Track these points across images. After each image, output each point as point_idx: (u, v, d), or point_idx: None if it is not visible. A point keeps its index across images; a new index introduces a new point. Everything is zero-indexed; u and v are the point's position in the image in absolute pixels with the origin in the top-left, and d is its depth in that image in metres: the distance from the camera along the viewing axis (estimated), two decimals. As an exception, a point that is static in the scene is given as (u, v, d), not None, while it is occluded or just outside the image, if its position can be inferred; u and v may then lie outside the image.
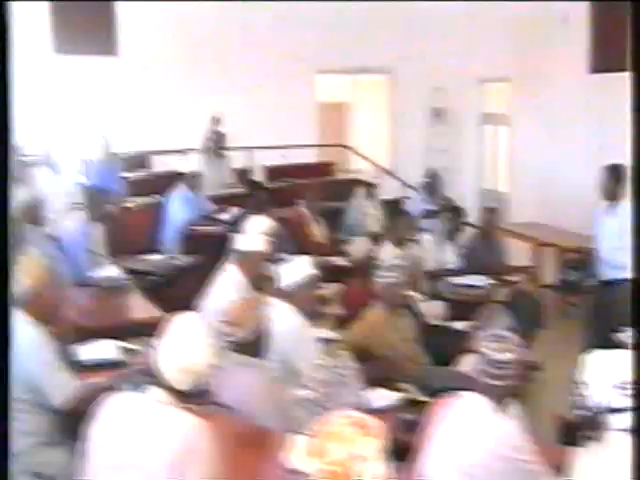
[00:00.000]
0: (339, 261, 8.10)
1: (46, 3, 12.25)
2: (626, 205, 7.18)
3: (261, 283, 5.88)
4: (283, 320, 4.78)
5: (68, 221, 7.64)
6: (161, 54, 12.98)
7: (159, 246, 8.84)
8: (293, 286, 5.13)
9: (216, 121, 11.73)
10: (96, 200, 7.55)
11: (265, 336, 4.36)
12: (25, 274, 4.28)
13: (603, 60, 11.81)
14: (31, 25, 11.91)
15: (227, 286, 5.67)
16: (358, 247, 7.06)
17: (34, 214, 7.04)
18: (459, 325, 6.75)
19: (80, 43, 12.55)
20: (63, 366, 4.28)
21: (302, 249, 7.86)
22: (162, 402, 3.29)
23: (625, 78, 10.90)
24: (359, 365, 5.09)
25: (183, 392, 3.33)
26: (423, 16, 14.66)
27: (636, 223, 1.32)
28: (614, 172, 7.37)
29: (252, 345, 4.28)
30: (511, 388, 3.70)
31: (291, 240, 7.79)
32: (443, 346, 6.17)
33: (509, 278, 8.31)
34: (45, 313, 4.33)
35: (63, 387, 4.18)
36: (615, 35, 11.41)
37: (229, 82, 13.33)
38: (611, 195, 7.35)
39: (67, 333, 4.65)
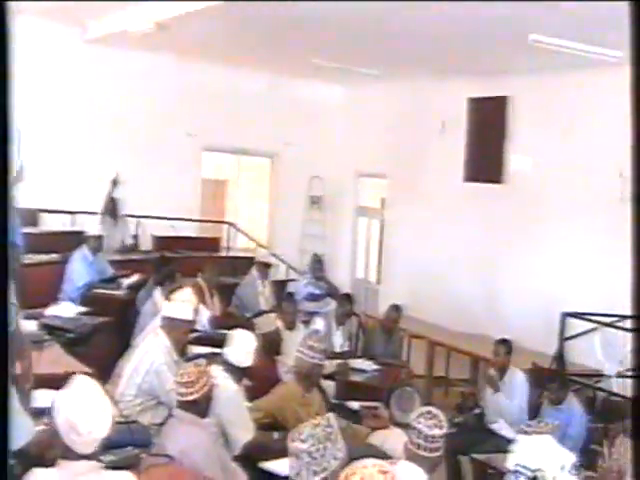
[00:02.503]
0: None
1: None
2: (512, 378, 7.73)
3: (185, 349, 6.28)
4: (224, 387, 5.22)
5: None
6: (58, 115, 13.17)
7: (57, 304, 8.95)
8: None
9: (114, 184, 11.92)
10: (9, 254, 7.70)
11: (210, 399, 4.81)
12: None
13: (476, 170, 12.69)
14: None
15: (155, 349, 5.99)
16: (264, 323, 7.47)
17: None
18: (354, 405, 7.27)
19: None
20: (23, 411, 4.53)
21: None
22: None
23: (496, 189, 11.89)
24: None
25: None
26: (308, 105, 15.51)
27: (636, 232, 1.67)
28: (504, 345, 7.82)
29: (200, 406, 4.71)
30: (439, 460, 4.28)
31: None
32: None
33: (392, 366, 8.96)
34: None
35: (24, 430, 4.42)
36: (489, 148, 12.40)
37: (122, 149, 13.60)
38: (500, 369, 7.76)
39: (27, 380, 4.88)
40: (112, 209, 11.67)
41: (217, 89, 14.54)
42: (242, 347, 5.80)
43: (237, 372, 5.70)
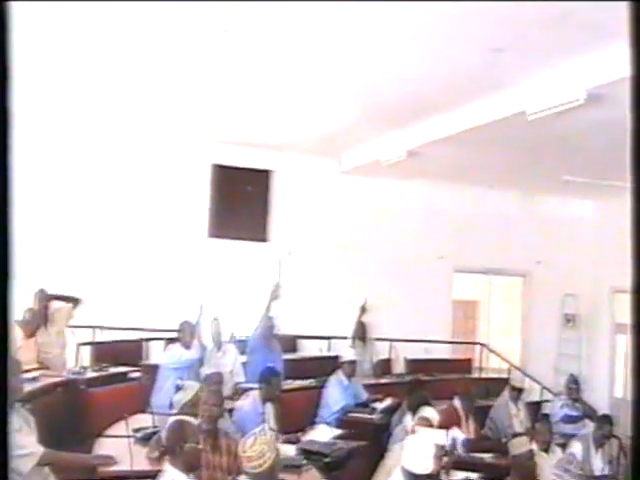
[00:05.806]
0: (489, 459, 8.45)
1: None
2: None
3: (439, 476, 6.28)
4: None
5: (242, 399, 8.17)
6: (314, 242, 13.91)
7: (314, 428, 9.18)
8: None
9: (363, 310, 12.29)
10: (272, 381, 8.06)
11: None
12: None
13: None
14: (192, 214, 13.08)
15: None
16: (517, 445, 7.33)
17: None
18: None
19: (237, 230, 13.50)
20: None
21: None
22: None
23: None
24: None
25: None
26: (558, 221, 15.39)
27: (636, 224, 1.59)
28: None
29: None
30: None
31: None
32: None
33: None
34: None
35: None
36: None
37: (373, 275, 14.06)
38: None
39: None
40: (361, 333, 12.01)
41: (466, 210, 14.82)
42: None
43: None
